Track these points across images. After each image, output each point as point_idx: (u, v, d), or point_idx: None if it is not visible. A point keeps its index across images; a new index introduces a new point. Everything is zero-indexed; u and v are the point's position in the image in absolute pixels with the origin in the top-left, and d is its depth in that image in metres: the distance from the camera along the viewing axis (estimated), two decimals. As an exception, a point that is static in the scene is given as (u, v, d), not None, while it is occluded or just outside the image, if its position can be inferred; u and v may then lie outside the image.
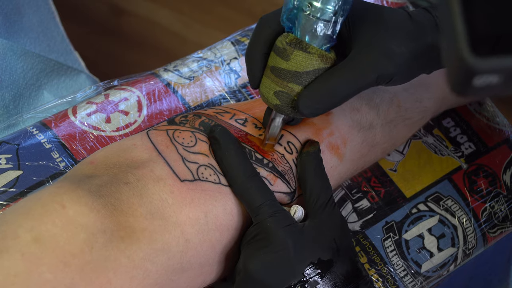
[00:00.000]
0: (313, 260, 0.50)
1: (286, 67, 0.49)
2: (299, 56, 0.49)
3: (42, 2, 0.88)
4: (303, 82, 0.50)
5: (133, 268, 0.46)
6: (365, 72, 0.48)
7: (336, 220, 0.53)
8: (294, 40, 0.49)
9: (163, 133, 0.53)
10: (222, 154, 0.52)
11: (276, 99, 0.51)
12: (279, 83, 0.50)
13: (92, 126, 0.61)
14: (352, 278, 0.52)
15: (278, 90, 0.50)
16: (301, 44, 0.49)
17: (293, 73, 0.49)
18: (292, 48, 0.49)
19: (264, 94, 0.51)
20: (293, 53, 0.49)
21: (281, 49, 0.49)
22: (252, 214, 0.51)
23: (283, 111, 0.51)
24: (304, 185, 0.54)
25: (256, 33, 0.52)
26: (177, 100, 0.65)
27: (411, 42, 0.49)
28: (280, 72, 0.50)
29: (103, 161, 0.51)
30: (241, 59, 0.70)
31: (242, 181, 0.51)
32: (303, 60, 0.49)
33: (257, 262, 0.49)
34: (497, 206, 0.67)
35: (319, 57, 0.49)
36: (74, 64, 0.88)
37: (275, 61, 0.50)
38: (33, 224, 0.44)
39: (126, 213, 0.47)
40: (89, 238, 0.44)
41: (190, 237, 0.49)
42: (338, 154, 0.58)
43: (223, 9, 1.51)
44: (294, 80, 0.49)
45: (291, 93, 0.50)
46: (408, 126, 0.64)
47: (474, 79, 0.32)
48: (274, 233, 0.49)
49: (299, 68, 0.49)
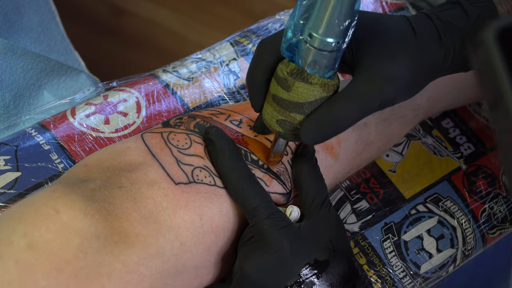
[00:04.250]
0: (309, 261, 0.50)
1: (287, 97, 0.48)
2: (301, 87, 0.48)
3: (42, 2, 0.88)
4: (305, 111, 0.49)
5: (127, 273, 0.46)
6: (368, 100, 0.47)
7: (332, 220, 0.53)
8: (295, 70, 0.48)
9: (158, 136, 0.53)
10: (217, 156, 0.52)
11: (279, 127, 0.50)
12: (281, 112, 0.49)
13: (91, 127, 0.61)
14: (349, 278, 0.52)
15: (280, 119, 0.50)
16: (302, 74, 0.47)
17: (295, 104, 0.48)
18: (293, 79, 0.48)
19: (267, 121, 0.51)
20: (295, 85, 0.48)
21: (282, 79, 0.48)
22: (248, 216, 0.51)
23: (286, 138, 0.51)
24: (299, 186, 0.54)
25: (256, 58, 0.51)
26: (176, 101, 0.65)
27: (414, 64, 0.48)
28: (282, 102, 0.49)
29: (96, 164, 0.51)
30: (240, 60, 0.70)
31: (238, 183, 0.51)
32: (305, 91, 0.48)
33: (253, 263, 0.49)
34: (496, 207, 0.67)
35: (321, 87, 0.48)
36: (74, 64, 0.88)
37: (276, 90, 0.49)
38: (26, 229, 0.44)
39: (120, 218, 0.47)
40: (83, 244, 0.44)
41: (185, 240, 0.49)
42: (333, 154, 0.58)
43: (223, 9, 1.51)
44: (296, 110, 0.49)
45: (293, 121, 0.49)
46: (402, 124, 0.64)
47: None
48: (269, 235, 0.49)
49: (300, 99, 0.48)
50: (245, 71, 0.69)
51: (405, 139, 0.69)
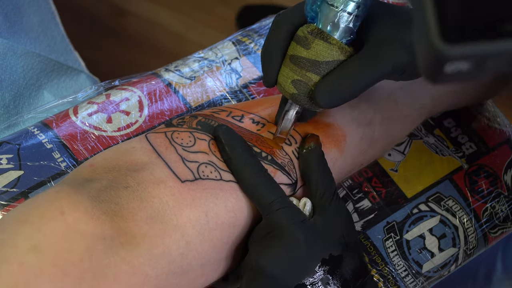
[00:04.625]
0: (325, 256, 0.50)
1: (305, 55, 0.50)
2: (320, 45, 0.49)
3: (42, 2, 0.87)
4: (322, 72, 0.50)
5: (134, 274, 0.45)
6: (382, 62, 0.49)
7: (343, 214, 0.53)
8: (315, 30, 0.50)
9: (162, 135, 0.53)
10: (231, 153, 0.51)
11: (293, 87, 0.51)
12: (297, 71, 0.50)
13: (93, 126, 0.61)
14: (360, 273, 0.52)
15: (296, 79, 0.51)
16: (323, 34, 0.49)
17: (312, 62, 0.50)
18: (313, 37, 0.49)
19: (281, 82, 0.52)
20: (314, 42, 0.49)
21: (302, 38, 0.50)
22: (264, 211, 0.51)
23: (299, 101, 0.52)
24: (308, 180, 0.54)
25: (273, 30, 0.52)
26: (178, 100, 0.65)
27: None
28: (299, 60, 0.50)
29: (102, 164, 0.50)
30: (242, 59, 0.70)
31: (252, 178, 0.51)
32: (324, 49, 0.49)
33: (271, 258, 0.49)
34: (498, 207, 0.67)
35: (339, 49, 0.50)
36: (74, 64, 0.88)
37: (295, 49, 0.50)
38: (31, 232, 0.43)
39: (126, 218, 0.46)
40: (89, 246, 0.44)
41: (191, 239, 0.49)
42: (339, 147, 0.58)
43: (223, 9, 1.51)
44: (313, 69, 0.50)
45: (308, 82, 0.50)
46: (406, 124, 0.64)
47: (445, 66, 0.33)
48: (288, 230, 0.49)
49: (318, 57, 0.50)
50: (247, 71, 0.69)
51: (407, 138, 0.69)
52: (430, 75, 0.35)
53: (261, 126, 0.57)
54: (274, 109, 0.58)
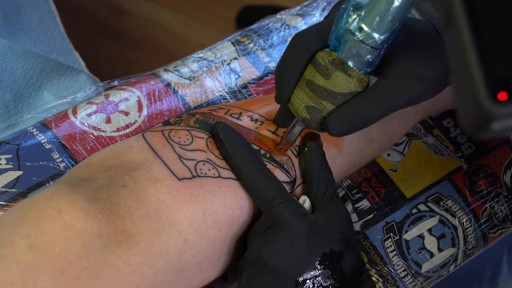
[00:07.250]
0: (325, 251, 0.51)
1: (324, 85, 0.49)
2: (340, 77, 0.49)
3: (42, 2, 0.87)
4: (337, 102, 0.50)
5: (131, 273, 0.46)
6: (397, 97, 0.49)
7: (343, 212, 0.54)
8: (337, 60, 0.49)
9: (159, 134, 0.53)
10: (230, 149, 0.52)
11: (306, 113, 0.51)
12: (313, 98, 0.50)
13: (92, 126, 0.61)
14: (357, 270, 0.52)
15: (310, 105, 0.50)
16: (344, 65, 0.49)
17: (329, 92, 0.49)
18: (334, 68, 0.49)
19: (294, 105, 0.51)
20: (334, 74, 0.49)
21: (322, 66, 0.49)
22: (265, 206, 0.51)
23: (310, 126, 0.52)
24: (309, 179, 0.54)
25: (291, 49, 0.51)
26: (177, 101, 0.65)
27: (443, 66, 0.49)
28: (317, 88, 0.50)
29: (99, 163, 0.50)
30: (241, 59, 0.70)
31: (253, 174, 0.51)
32: (343, 82, 0.49)
33: (274, 251, 0.49)
34: (497, 207, 0.67)
35: (358, 81, 0.49)
36: (74, 64, 0.88)
37: (313, 76, 0.50)
38: (28, 230, 0.43)
39: (123, 217, 0.46)
40: (86, 244, 0.44)
41: (188, 237, 0.49)
42: (337, 146, 0.58)
43: (223, 9, 1.51)
44: (329, 99, 0.50)
45: (323, 110, 0.50)
46: (404, 122, 0.65)
47: (493, 123, 0.32)
48: (290, 223, 0.50)
49: (337, 88, 0.49)
50: (246, 71, 0.69)
51: (406, 138, 0.69)
52: (475, 132, 0.34)
53: (260, 124, 0.57)
54: (272, 107, 0.58)
